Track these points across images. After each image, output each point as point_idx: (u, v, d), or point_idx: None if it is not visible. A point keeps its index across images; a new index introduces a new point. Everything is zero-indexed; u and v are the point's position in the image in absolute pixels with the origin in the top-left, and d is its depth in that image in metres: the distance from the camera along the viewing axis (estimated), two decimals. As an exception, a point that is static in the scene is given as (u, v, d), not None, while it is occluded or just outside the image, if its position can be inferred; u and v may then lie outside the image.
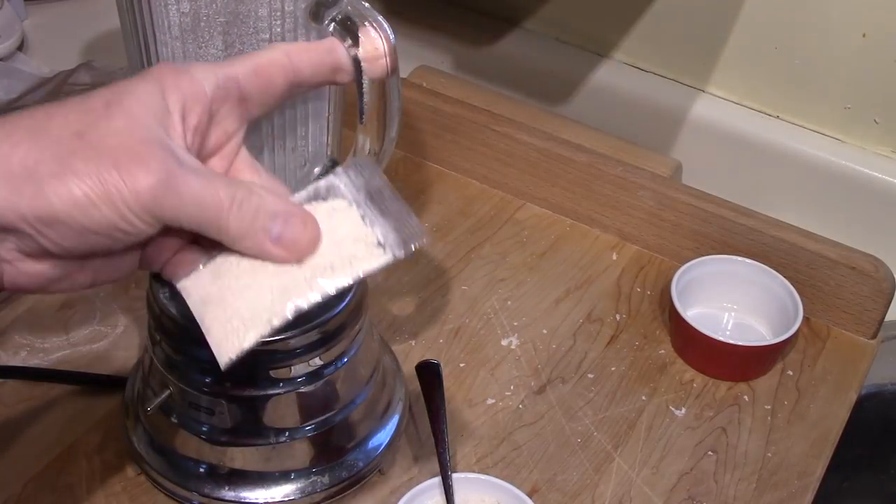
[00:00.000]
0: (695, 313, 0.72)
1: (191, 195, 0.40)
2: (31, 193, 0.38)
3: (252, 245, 0.42)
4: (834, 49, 0.85)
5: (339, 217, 0.44)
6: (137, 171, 0.39)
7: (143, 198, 0.39)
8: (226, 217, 0.41)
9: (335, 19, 0.48)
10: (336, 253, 0.43)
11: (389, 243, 0.43)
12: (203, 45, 0.49)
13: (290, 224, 0.43)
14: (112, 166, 0.39)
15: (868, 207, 0.87)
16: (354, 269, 0.43)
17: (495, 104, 0.89)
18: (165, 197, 0.39)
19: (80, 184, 0.38)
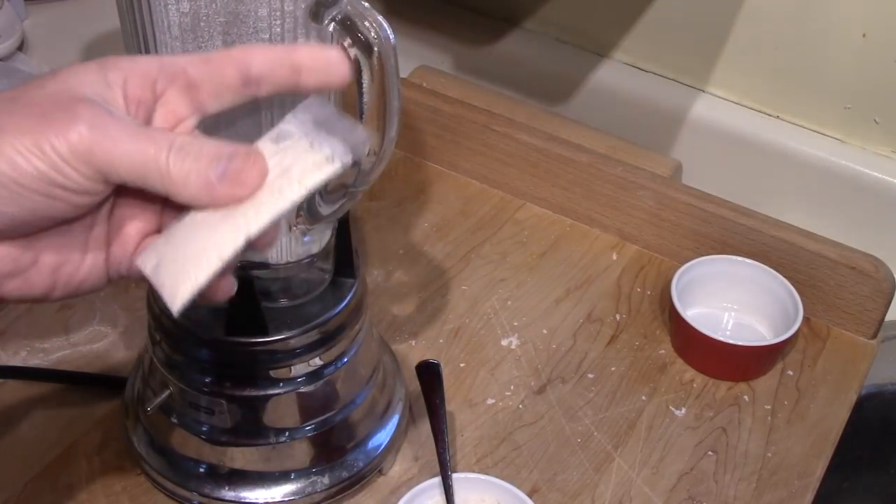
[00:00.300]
0: (695, 313, 0.72)
1: (126, 138, 0.38)
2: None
3: (197, 189, 0.39)
4: (834, 49, 0.85)
5: (286, 152, 0.43)
6: (68, 121, 0.38)
7: (73, 142, 0.37)
8: (165, 161, 0.39)
9: (335, 19, 0.48)
10: (284, 179, 0.42)
11: (337, 154, 0.42)
12: (203, 45, 0.49)
13: (234, 160, 0.40)
14: (41, 116, 0.38)
15: (868, 207, 0.87)
16: (303, 184, 0.42)
17: (495, 104, 0.89)
18: (99, 143, 0.38)
19: (8, 139, 0.37)
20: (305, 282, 0.60)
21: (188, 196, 0.40)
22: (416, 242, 0.78)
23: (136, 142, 0.38)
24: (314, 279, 0.61)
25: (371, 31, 0.47)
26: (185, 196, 0.40)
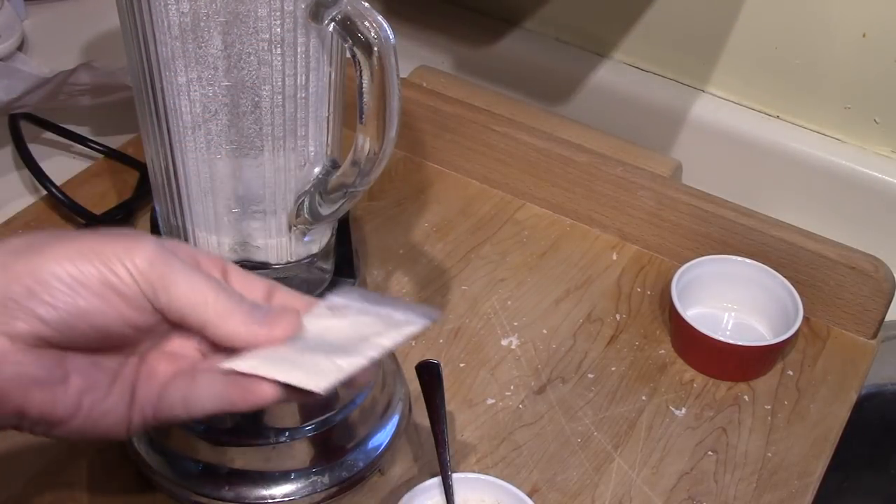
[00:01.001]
0: (695, 313, 0.72)
1: (183, 269, 0.42)
2: (28, 257, 0.40)
3: (236, 325, 0.42)
4: (834, 49, 0.84)
5: (354, 316, 0.46)
6: (134, 242, 0.41)
7: (137, 258, 0.41)
8: (214, 296, 0.42)
9: (335, 19, 0.48)
10: (371, 331, 0.45)
11: (411, 318, 0.46)
12: (203, 45, 0.49)
13: (272, 310, 0.44)
14: (108, 238, 0.41)
15: (868, 207, 0.87)
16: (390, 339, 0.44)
17: (495, 104, 0.89)
18: (160, 264, 0.41)
19: (78, 244, 0.41)
20: (305, 282, 0.60)
21: (226, 330, 0.42)
22: (416, 242, 0.78)
23: (191, 274, 0.42)
24: (314, 279, 0.61)
25: (371, 31, 0.47)
26: (222, 330, 0.42)
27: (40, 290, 0.40)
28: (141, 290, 0.41)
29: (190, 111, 0.51)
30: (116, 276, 0.40)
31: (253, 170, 0.53)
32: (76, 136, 0.82)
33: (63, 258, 0.40)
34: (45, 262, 0.40)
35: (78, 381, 0.42)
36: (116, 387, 0.43)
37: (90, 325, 0.41)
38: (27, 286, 0.40)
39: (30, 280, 0.40)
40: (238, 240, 0.56)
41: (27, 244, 0.41)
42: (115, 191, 0.79)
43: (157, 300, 0.42)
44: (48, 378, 0.41)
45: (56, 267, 0.40)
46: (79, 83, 0.78)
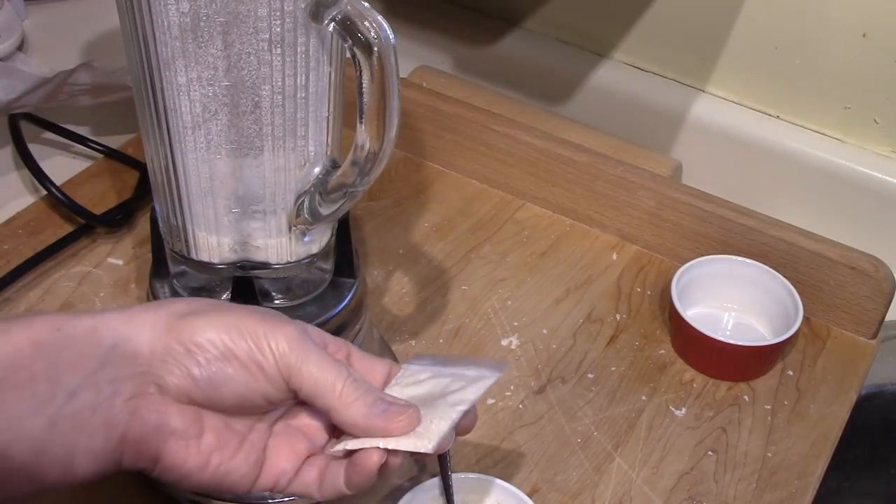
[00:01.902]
0: (695, 313, 0.72)
1: (318, 354, 0.46)
2: (190, 321, 0.45)
3: (358, 415, 0.46)
4: (834, 49, 0.84)
5: (435, 380, 0.50)
6: (281, 323, 0.46)
7: (281, 339, 0.45)
8: (342, 384, 0.46)
9: (335, 19, 0.48)
10: (455, 387, 0.49)
11: (485, 373, 0.49)
12: (203, 45, 0.49)
13: (393, 405, 0.47)
14: (257, 315, 0.46)
15: (868, 207, 0.87)
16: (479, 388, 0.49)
17: (495, 104, 0.89)
18: (299, 347, 0.45)
19: (233, 318, 0.45)
20: (305, 282, 0.60)
21: (348, 416, 0.46)
22: (416, 242, 0.78)
23: (324, 360, 0.46)
24: (314, 279, 0.61)
25: (371, 31, 0.47)
26: (345, 416, 0.46)
27: (197, 352, 0.44)
28: (278, 369, 0.45)
29: (190, 111, 0.51)
30: (262, 353, 0.45)
31: (253, 170, 0.53)
32: (76, 136, 0.82)
33: (221, 328, 0.45)
34: (205, 328, 0.45)
35: (211, 438, 0.46)
36: (243, 449, 0.47)
37: (232, 392, 0.45)
38: (186, 347, 0.44)
39: (189, 342, 0.44)
40: (238, 240, 0.56)
41: (191, 309, 0.45)
42: (115, 191, 0.79)
43: (291, 380, 0.46)
44: (185, 432, 0.45)
45: (214, 335, 0.44)
46: (79, 83, 0.78)
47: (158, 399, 0.45)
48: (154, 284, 0.61)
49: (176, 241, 0.57)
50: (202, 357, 0.44)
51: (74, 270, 0.73)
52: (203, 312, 0.45)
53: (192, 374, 0.44)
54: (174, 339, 0.44)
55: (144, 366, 0.44)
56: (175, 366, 0.44)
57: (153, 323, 0.45)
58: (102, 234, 0.76)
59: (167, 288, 0.61)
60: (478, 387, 0.49)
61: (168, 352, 0.44)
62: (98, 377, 0.43)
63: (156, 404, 0.44)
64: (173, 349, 0.44)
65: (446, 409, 0.47)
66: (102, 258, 0.74)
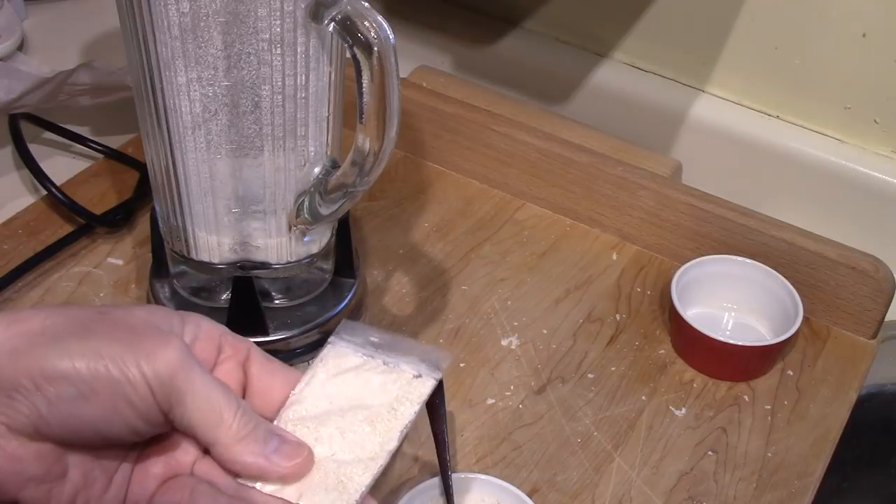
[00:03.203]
0: (695, 313, 0.72)
1: (205, 381, 0.40)
2: (43, 348, 0.38)
3: (250, 452, 0.41)
4: (834, 49, 0.84)
5: (364, 373, 0.45)
6: (161, 345, 0.39)
7: (159, 365, 0.39)
8: (232, 415, 0.41)
9: (335, 19, 0.48)
10: (385, 400, 0.45)
11: (423, 372, 0.46)
12: (203, 45, 0.49)
13: (286, 443, 0.42)
14: (133, 333, 0.40)
15: (868, 207, 0.87)
16: (412, 404, 0.45)
17: (495, 104, 0.89)
18: (182, 375, 0.39)
19: (96, 342, 0.39)
20: (305, 282, 0.60)
21: (236, 454, 0.41)
22: (416, 242, 0.78)
23: (211, 389, 0.40)
24: (314, 279, 0.61)
25: (371, 31, 0.47)
26: (232, 453, 0.41)
27: (47, 387, 0.38)
28: (155, 401, 0.39)
29: (190, 111, 0.51)
30: (131, 384, 0.39)
31: (253, 170, 0.53)
32: (76, 136, 0.82)
33: (77, 356, 0.38)
34: (59, 358, 0.38)
35: (76, 477, 0.40)
36: (113, 486, 0.42)
37: (94, 431, 0.39)
38: (35, 381, 0.38)
39: (38, 375, 0.38)
40: (238, 240, 0.56)
41: (45, 329, 0.39)
42: (115, 191, 0.79)
43: (170, 411, 0.40)
44: (45, 476, 0.39)
45: (68, 367, 0.38)
46: (79, 83, 0.78)
47: (10, 441, 0.38)
48: (154, 284, 0.61)
49: (176, 241, 0.57)
50: (53, 394, 0.38)
51: (74, 270, 0.73)
52: (60, 336, 0.39)
53: (41, 414, 0.38)
54: (21, 370, 0.38)
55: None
56: (22, 404, 0.38)
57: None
58: (102, 234, 0.76)
59: (167, 288, 0.61)
60: (410, 405, 0.45)
61: (13, 386, 0.38)
62: None
63: (7, 448, 0.38)
64: (20, 384, 0.38)
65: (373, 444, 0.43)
66: (102, 258, 0.74)
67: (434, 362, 0.46)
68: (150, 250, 0.64)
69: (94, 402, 0.38)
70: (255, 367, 0.45)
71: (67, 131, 0.82)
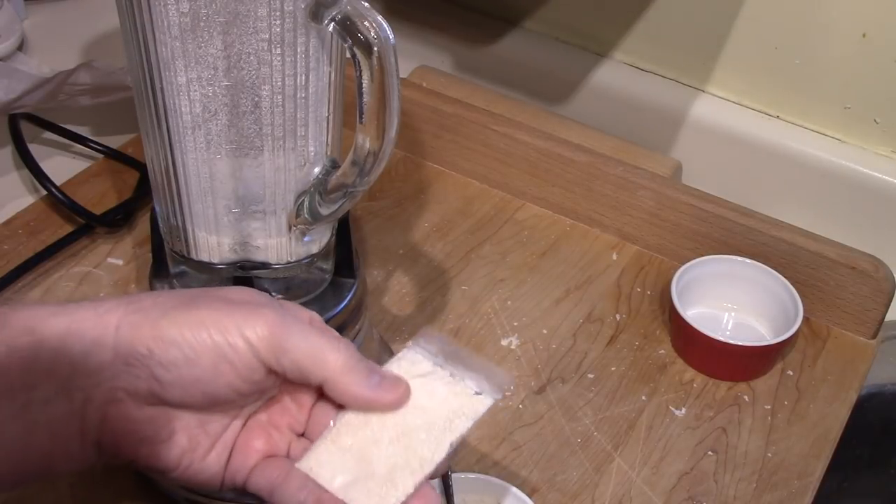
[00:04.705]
0: (695, 313, 0.72)
1: (303, 332, 0.45)
2: (155, 318, 0.43)
3: (357, 381, 0.45)
4: (834, 49, 0.84)
5: (431, 380, 0.48)
6: (255, 310, 0.44)
7: (258, 327, 0.43)
8: (335, 352, 0.45)
9: (335, 19, 0.48)
10: (444, 411, 0.47)
11: (485, 390, 0.47)
12: (203, 45, 0.49)
13: (387, 377, 0.46)
14: (230, 303, 0.45)
15: (868, 207, 0.87)
16: (466, 419, 0.47)
17: (495, 104, 0.89)
18: (280, 330, 0.44)
19: (199, 312, 0.44)
20: (305, 282, 0.60)
21: (345, 387, 0.45)
22: (416, 242, 0.78)
23: (310, 334, 0.45)
24: (314, 279, 0.61)
25: (371, 31, 0.47)
26: (341, 386, 0.45)
27: (160, 353, 0.43)
28: (257, 359, 0.44)
29: (190, 111, 0.51)
30: (231, 347, 0.43)
31: (253, 170, 0.53)
32: (76, 136, 0.82)
33: (184, 325, 0.43)
34: (168, 327, 0.43)
35: (183, 440, 0.45)
36: (215, 450, 0.46)
37: (201, 392, 0.44)
38: (149, 348, 0.43)
39: (151, 342, 0.43)
40: (238, 240, 0.56)
41: (154, 305, 0.44)
42: (115, 191, 0.79)
43: (278, 363, 0.44)
44: (155, 437, 0.44)
45: (177, 334, 0.43)
46: (79, 83, 0.78)
47: (129, 405, 0.44)
48: (154, 284, 0.61)
49: (176, 241, 0.57)
50: (165, 359, 0.43)
51: (74, 270, 0.73)
52: (168, 309, 0.44)
53: (157, 378, 0.43)
54: (137, 340, 0.43)
55: (112, 371, 0.43)
56: (140, 369, 0.43)
57: (118, 323, 0.44)
58: (102, 234, 0.76)
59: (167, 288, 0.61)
60: (465, 421, 0.46)
61: (132, 354, 0.43)
62: (70, 385, 0.43)
63: (126, 411, 0.44)
64: (137, 352, 0.43)
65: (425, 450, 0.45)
66: (102, 258, 0.74)
67: (497, 382, 0.48)
68: (150, 250, 0.64)
69: (199, 364, 0.43)
70: None
71: (67, 131, 0.82)
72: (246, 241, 0.56)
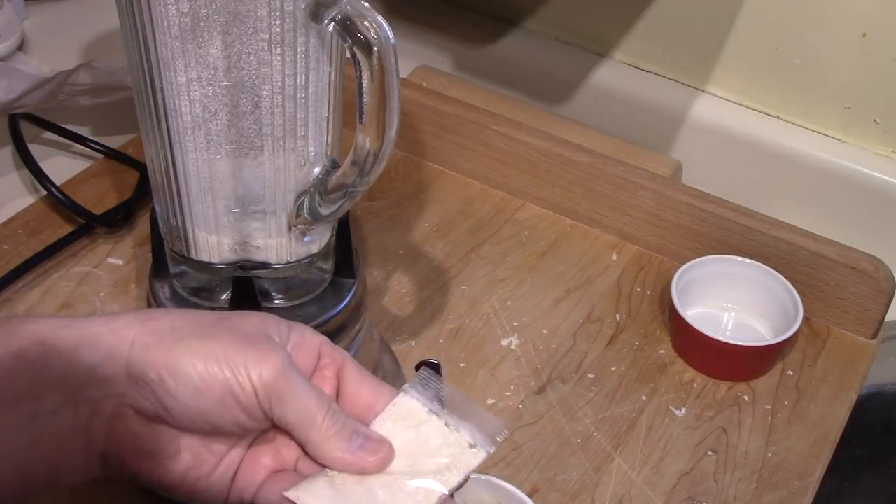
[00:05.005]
0: (695, 313, 0.72)
1: (302, 386, 0.45)
2: (170, 343, 0.44)
3: (338, 446, 0.45)
4: (834, 49, 0.84)
5: (426, 429, 0.48)
6: (266, 352, 0.44)
7: (264, 370, 0.44)
8: (322, 417, 0.45)
9: (335, 19, 0.48)
10: (436, 461, 0.47)
11: (479, 441, 0.48)
12: (203, 45, 0.49)
13: (370, 440, 0.46)
14: (245, 340, 0.45)
15: (868, 207, 0.87)
16: (458, 472, 0.47)
17: (495, 104, 0.89)
18: (282, 380, 0.44)
19: (214, 345, 0.44)
20: (305, 282, 0.60)
21: (325, 451, 0.46)
22: (416, 242, 0.78)
23: (308, 392, 0.45)
24: (314, 279, 0.61)
25: (371, 31, 0.47)
26: (322, 450, 0.46)
27: (170, 382, 0.43)
28: (258, 402, 0.44)
29: (190, 111, 0.51)
30: (240, 385, 0.44)
31: (253, 170, 0.53)
32: (76, 136, 0.82)
33: (198, 356, 0.43)
34: (182, 355, 0.43)
35: (187, 458, 0.45)
36: (220, 468, 0.46)
37: (206, 421, 0.44)
38: (160, 374, 0.43)
39: (164, 369, 0.43)
40: (238, 240, 0.56)
41: (174, 328, 0.44)
42: (115, 191, 0.79)
43: (272, 411, 0.45)
44: (160, 453, 0.45)
45: (189, 365, 0.43)
46: (79, 83, 0.78)
47: (136, 421, 0.44)
48: (154, 284, 0.61)
49: (176, 241, 0.57)
50: (174, 387, 0.43)
51: (74, 270, 0.73)
52: (185, 336, 0.44)
53: (165, 405, 0.44)
54: (149, 363, 0.43)
55: (121, 387, 0.43)
56: (149, 393, 0.43)
57: (133, 342, 0.44)
58: (102, 234, 0.76)
59: (167, 288, 0.61)
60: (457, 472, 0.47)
61: (143, 376, 0.43)
62: (78, 396, 0.43)
63: (132, 426, 0.44)
64: (147, 376, 0.43)
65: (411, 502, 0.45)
66: (102, 258, 0.74)
67: (491, 432, 0.48)
68: (149, 250, 0.63)
69: (207, 397, 0.43)
70: (348, 375, 0.49)
71: (67, 131, 0.82)
72: (246, 241, 0.56)
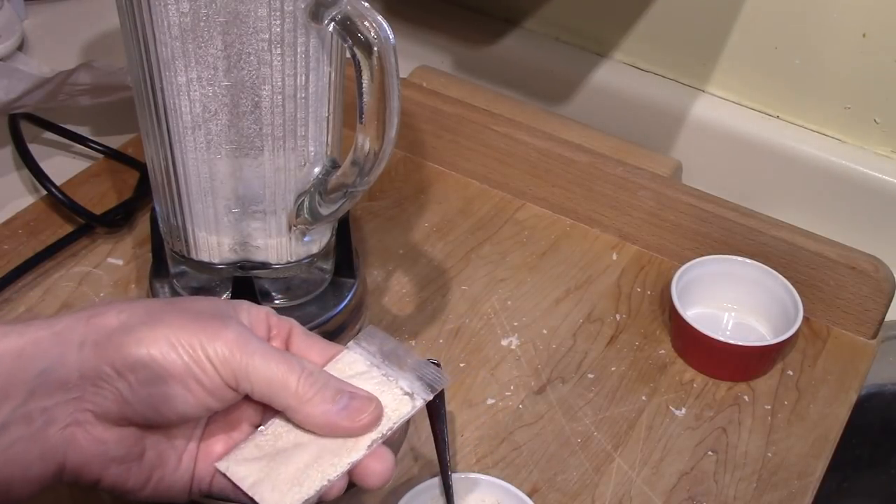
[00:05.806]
0: (695, 313, 0.72)
1: (263, 354, 0.43)
2: (119, 338, 0.42)
3: (318, 411, 0.44)
4: (834, 49, 0.84)
5: (362, 382, 0.47)
6: (219, 328, 0.43)
7: (219, 346, 0.42)
8: (296, 381, 0.44)
9: (335, 19, 0.48)
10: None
11: (416, 390, 0.47)
12: (203, 45, 0.49)
13: (355, 399, 0.45)
14: (196, 319, 0.43)
15: (868, 207, 0.87)
16: (389, 420, 0.46)
17: (495, 104, 0.89)
18: (240, 352, 0.43)
19: (165, 329, 0.42)
20: (305, 282, 0.60)
21: (308, 415, 0.44)
22: (416, 242, 0.78)
23: (272, 357, 0.44)
24: (314, 279, 0.61)
25: (371, 31, 0.47)
26: (304, 414, 0.44)
27: (127, 373, 0.42)
28: (222, 379, 0.43)
29: (190, 111, 0.51)
30: (199, 367, 0.42)
31: (253, 170, 0.53)
32: (76, 136, 0.82)
33: (151, 344, 0.42)
34: (136, 345, 0.42)
35: (152, 457, 0.44)
36: (182, 463, 0.45)
37: (172, 410, 0.43)
38: (116, 369, 0.42)
39: (119, 362, 0.42)
40: (238, 240, 0.56)
41: (121, 322, 0.43)
42: (115, 191, 0.79)
43: (239, 385, 0.43)
44: (125, 457, 0.44)
45: (144, 353, 0.42)
46: (79, 83, 0.78)
47: (96, 426, 0.43)
48: (154, 285, 0.61)
49: (176, 241, 0.57)
50: (133, 379, 0.42)
51: (74, 270, 0.73)
52: (133, 327, 0.42)
53: (125, 398, 0.42)
54: (104, 360, 0.42)
55: (76, 391, 0.42)
56: (107, 390, 0.42)
57: (80, 342, 0.42)
58: (102, 234, 0.76)
59: (167, 288, 0.61)
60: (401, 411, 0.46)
61: (98, 375, 0.42)
62: (29, 407, 0.41)
63: (93, 432, 0.43)
64: (103, 372, 0.42)
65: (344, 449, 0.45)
66: (102, 258, 0.74)
67: (430, 381, 0.48)
68: (150, 250, 0.64)
69: (169, 383, 0.42)
70: (296, 340, 0.48)
71: (67, 131, 0.82)
72: (246, 241, 0.56)
